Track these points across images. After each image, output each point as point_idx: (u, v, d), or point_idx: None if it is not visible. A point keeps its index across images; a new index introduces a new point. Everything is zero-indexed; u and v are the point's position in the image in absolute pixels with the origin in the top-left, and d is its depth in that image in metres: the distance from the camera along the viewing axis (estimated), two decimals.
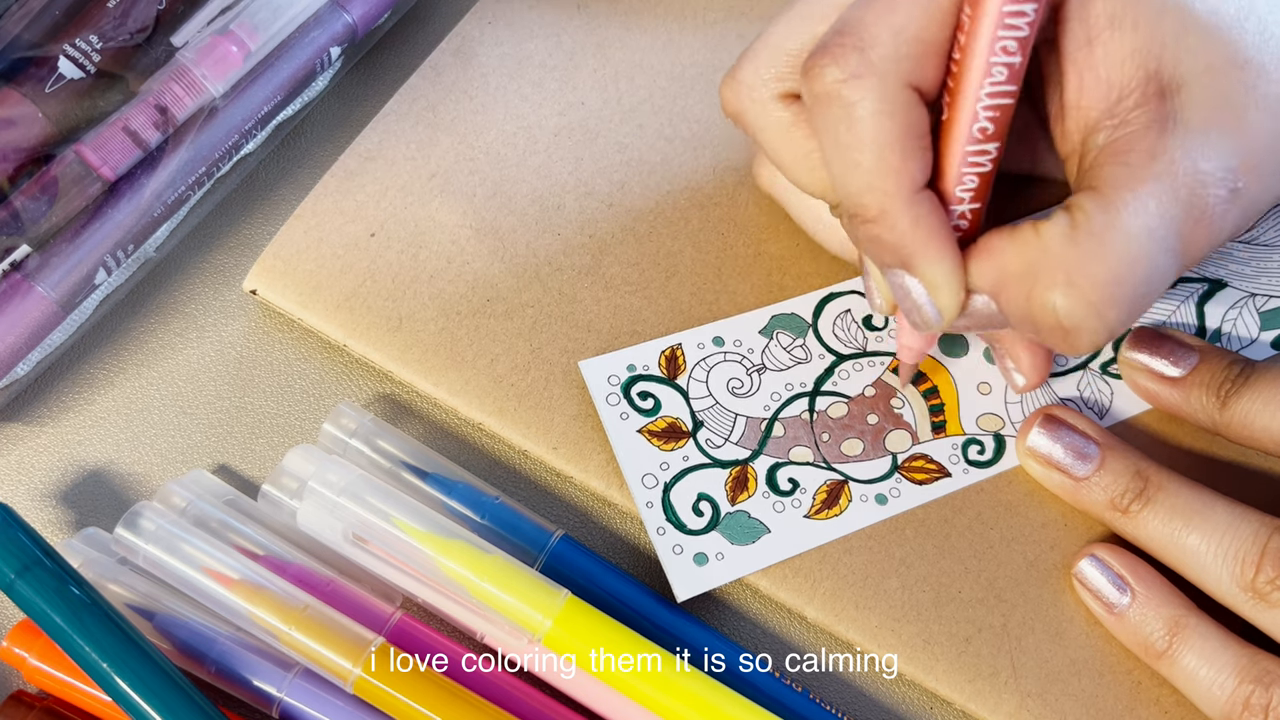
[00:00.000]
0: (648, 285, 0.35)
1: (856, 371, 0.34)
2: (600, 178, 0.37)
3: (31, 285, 0.32)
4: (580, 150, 0.37)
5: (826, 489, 0.33)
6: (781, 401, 0.34)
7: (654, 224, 0.36)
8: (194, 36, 0.34)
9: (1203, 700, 0.30)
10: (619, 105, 0.38)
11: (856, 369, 0.34)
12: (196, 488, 0.32)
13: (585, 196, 0.37)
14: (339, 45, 0.37)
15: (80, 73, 0.32)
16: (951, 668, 0.31)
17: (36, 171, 0.32)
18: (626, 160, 0.37)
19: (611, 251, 0.36)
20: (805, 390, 0.34)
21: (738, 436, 0.33)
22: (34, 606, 0.28)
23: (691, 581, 0.31)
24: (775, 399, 0.34)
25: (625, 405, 0.33)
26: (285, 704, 0.29)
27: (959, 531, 0.33)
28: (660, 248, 0.36)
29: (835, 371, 0.34)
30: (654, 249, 0.36)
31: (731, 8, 0.40)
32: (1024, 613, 0.32)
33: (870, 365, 0.34)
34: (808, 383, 0.34)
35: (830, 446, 0.33)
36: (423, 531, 0.30)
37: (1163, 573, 0.31)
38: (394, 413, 0.34)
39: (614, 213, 0.36)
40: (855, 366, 0.34)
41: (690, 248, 0.36)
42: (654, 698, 0.29)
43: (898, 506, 0.33)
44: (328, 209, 0.36)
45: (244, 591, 0.29)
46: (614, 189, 0.37)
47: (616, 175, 0.37)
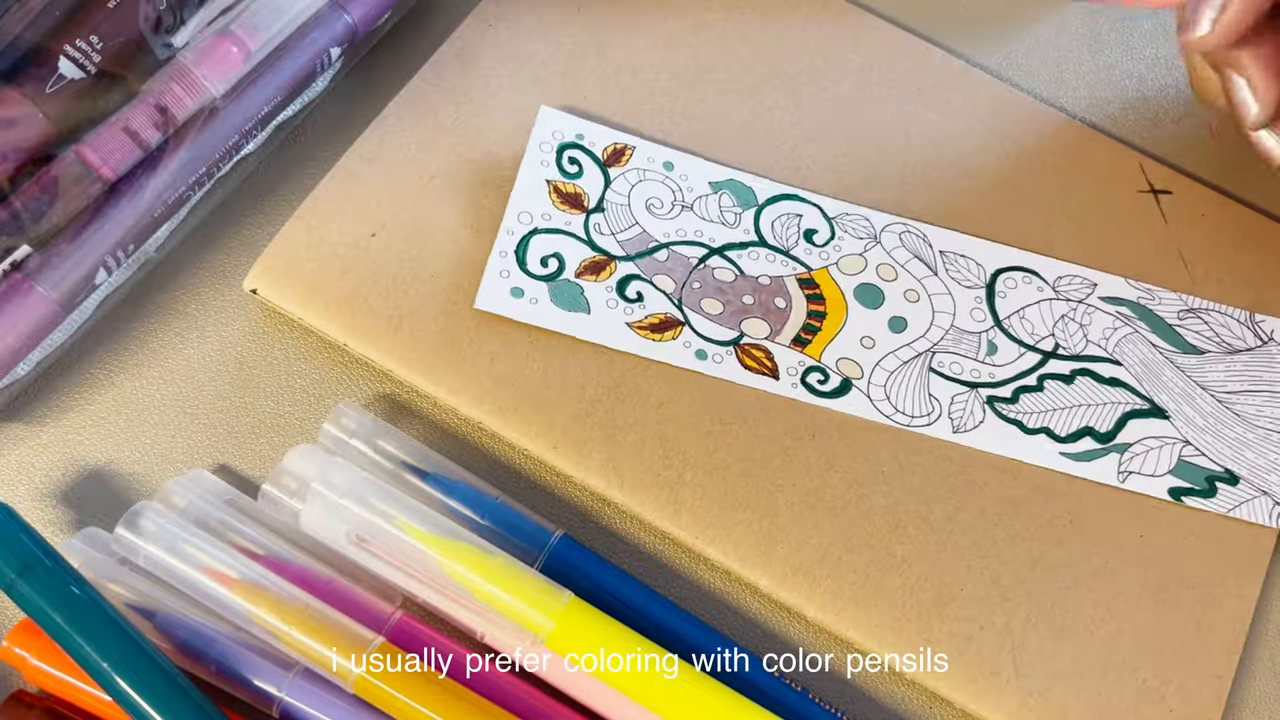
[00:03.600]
0: None
1: (768, 262, 0.35)
2: None
3: (31, 285, 0.32)
4: None
5: (662, 318, 0.34)
6: (683, 239, 0.35)
7: None
8: (194, 36, 0.34)
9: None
10: (620, 106, 0.38)
11: (769, 259, 0.35)
12: (197, 487, 0.32)
13: None
14: (339, 46, 0.37)
15: (80, 73, 0.32)
16: (953, 667, 0.31)
17: (36, 171, 0.32)
18: None
19: None
20: (710, 245, 0.35)
21: (625, 237, 0.35)
22: (34, 606, 0.28)
23: (497, 301, 0.34)
24: (679, 233, 0.35)
25: (551, 160, 0.36)
26: (285, 704, 0.29)
27: (962, 529, 0.33)
28: None
29: (747, 249, 0.35)
30: None
31: (732, 8, 0.40)
32: (1027, 611, 0.32)
33: (783, 264, 0.35)
34: (717, 240, 0.35)
35: (693, 293, 0.34)
36: (426, 533, 0.30)
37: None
38: (394, 413, 0.34)
39: None
40: (769, 257, 0.35)
41: None
42: (654, 698, 0.29)
43: (709, 369, 0.34)
44: (328, 209, 0.36)
45: (244, 591, 0.29)
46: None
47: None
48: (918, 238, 0.37)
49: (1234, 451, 0.35)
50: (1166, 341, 0.36)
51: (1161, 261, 0.38)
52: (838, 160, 0.38)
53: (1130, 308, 0.36)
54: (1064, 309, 0.36)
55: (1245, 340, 0.36)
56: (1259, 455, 0.35)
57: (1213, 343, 0.36)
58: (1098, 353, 0.35)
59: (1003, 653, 0.31)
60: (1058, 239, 0.38)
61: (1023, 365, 0.35)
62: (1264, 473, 0.34)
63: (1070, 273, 0.37)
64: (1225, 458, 0.34)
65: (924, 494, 0.33)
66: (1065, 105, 0.41)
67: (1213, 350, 0.36)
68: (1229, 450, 0.35)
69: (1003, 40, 0.42)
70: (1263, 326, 0.36)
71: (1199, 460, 0.34)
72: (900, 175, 0.38)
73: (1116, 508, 0.34)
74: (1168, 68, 0.43)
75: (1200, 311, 0.37)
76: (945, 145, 0.39)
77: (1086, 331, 0.36)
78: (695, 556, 0.33)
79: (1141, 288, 0.37)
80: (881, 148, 0.38)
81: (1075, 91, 0.42)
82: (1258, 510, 0.34)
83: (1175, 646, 0.32)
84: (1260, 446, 0.35)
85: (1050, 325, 0.36)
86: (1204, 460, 0.34)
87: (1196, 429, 0.35)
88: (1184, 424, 0.35)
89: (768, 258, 0.35)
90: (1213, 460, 0.34)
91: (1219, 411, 0.35)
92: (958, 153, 0.39)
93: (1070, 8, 0.44)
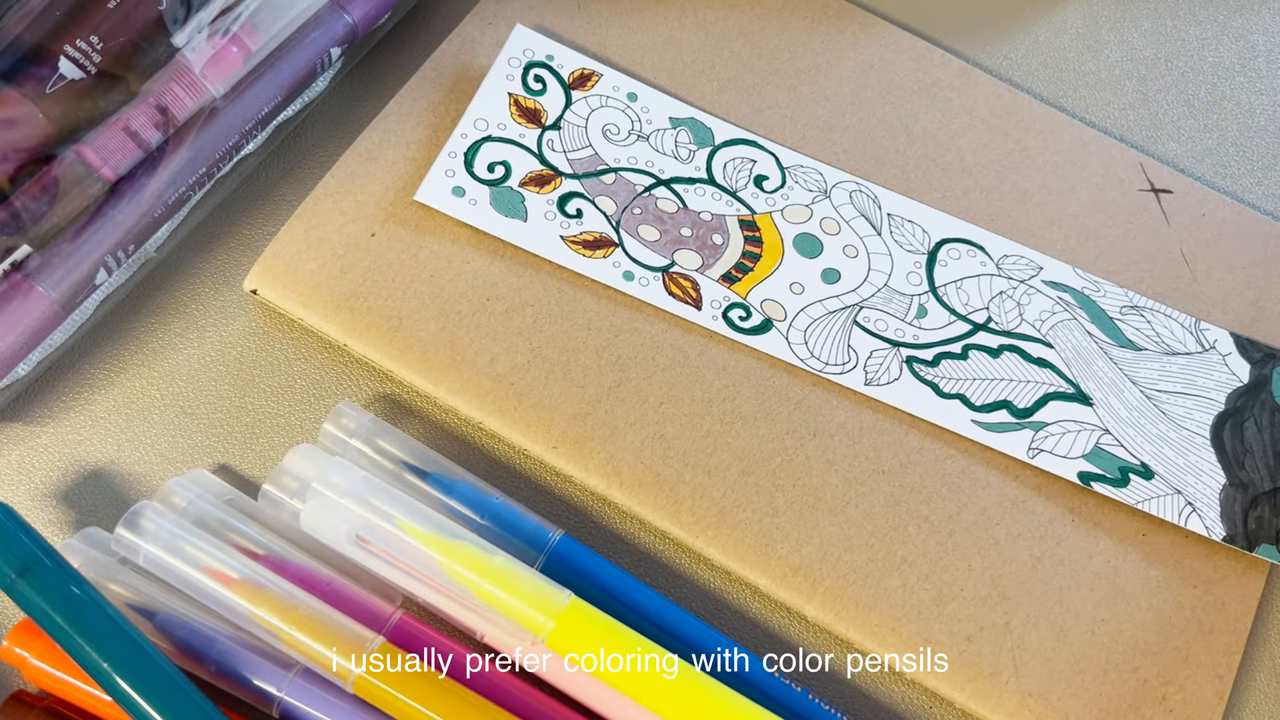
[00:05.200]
0: None
1: (714, 200, 0.36)
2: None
3: (32, 285, 0.32)
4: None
5: (597, 235, 0.34)
6: (633, 166, 0.36)
7: None
8: (194, 36, 0.34)
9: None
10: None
11: (715, 198, 0.36)
12: (197, 487, 0.32)
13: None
14: (339, 46, 0.37)
15: (80, 73, 0.32)
16: (953, 667, 0.31)
17: (37, 171, 0.32)
18: None
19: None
20: (659, 176, 0.36)
21: (575, 156, 0.35)
22: (34, 606, 0.28)
23: (438, 196, 0.35)
24: (630, 161, 0.36)
25: (518, 75, 0.36)
26: (285, 704, 0.29)
27: (963, 528, 0.33)
28: None
29: (695, 185, 0.36)
30: None
31: (732, 6, 0.40)
32: (1028, 610, 0.32)
33: (728, 205, 0.36)
34: (666, 172, 0.36)
35: (632, 218, 0.35)
36: (426, 533, 0.30)
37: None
38: (394, 413, 0.34)
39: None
40: (715, 195, 0.36)
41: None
42: (654, 698, 0.29)
43: (634, 290, 0.34)
44: (328, 209, 0.36)
45: (244, 591, 0.29)
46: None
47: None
48: (868, 198, 0.37)
49: (1154, 448, 0.34)
50: (1104, 333, 0.36)
51: (1163, 260, 0.38)
52: (837, 158, 0.38)
53: (1073, 295, 0.36)
54: (1003, 286, 0.36)
55: (1186, 345, 0.36)
56: (1179, 455, 0.34)
57: (1152, 341, 0.36)
58: (1030, 333, 0.35)
59: (1003, 653, 0.31)
60: (1058, 237, 0.38)
61: (950, 333, 0.35)
62: (1181, 473, 0.34)
63: (1017, 253, 0.37)
64: (1144, 452, 0.34)
65: (924, 493, 0.33)
66: (1065, 105, 0.41)
67: (1151, 349, 0.36)
68: (1149, 445, 0.34)
69: (1003, 40, 0.42)
70: (1206, 334, 0.36)
71: (1116, 450, 0.34)
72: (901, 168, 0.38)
73: (1117, 507, 0.34)
74: (1168, 67, 0.43)
75: (1144, 310, 0.36)
76: (945, 145, 0.39)
77: (1023, 311, 0.36)
78: (695, 556, 0.33)
79: (1088, 278, 0.37)
80: (882, 146, 0.38)
81: (1075, 91, 0.42)
82: (1167, 507, 0.34)
83: (1176, 646, 0.32)
84: (1182, 447, 0.34)
85: (986, 299, 0.36)
86: (1121, 451, 0.34)
87: (1119, 420, 0.35)
88: (1107, 413, 0.35)
89: (714, 196, 0.36)
90: (1130, 452, 0.34)
91: (1146, 407, 0.35)
92: (958, 152, 0.39)
93: (1070, 7, 0.44)
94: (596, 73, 0.37)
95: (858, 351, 0.34)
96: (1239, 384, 0.36)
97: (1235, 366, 0.36)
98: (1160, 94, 0.42)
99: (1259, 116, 0.42)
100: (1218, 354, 0.36)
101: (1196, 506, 0.34)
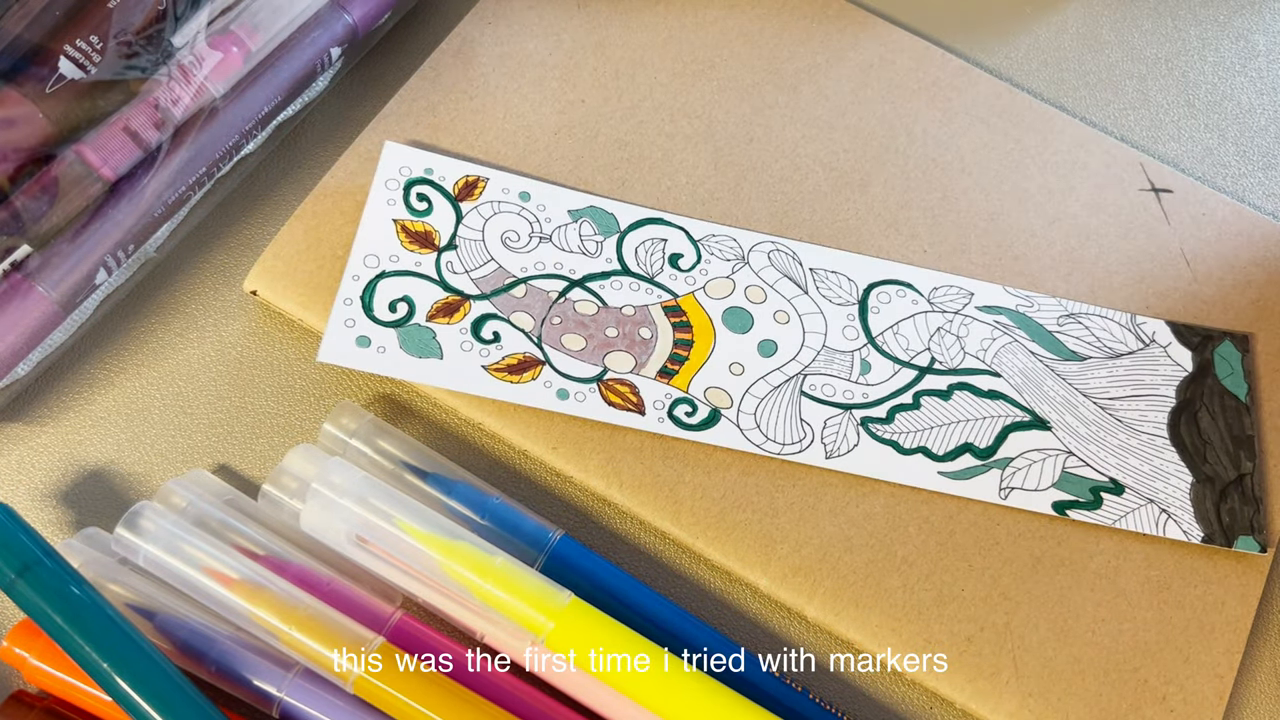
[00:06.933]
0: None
1: (632, 291, 0.34)
2: (600, 175, 0.37)
3: (32, 285, 0.32)
4: (580, 149, 0.37)
5: (521, 358, 0.33)
6: (542, 272, 0.34)
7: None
8: (194, 36, 0.34)
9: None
10: (619, 103, 0.38)
11: (634, 288, 0.34)
12: (197, 487, 0.32)
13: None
14: (339, 45, 0.37)
15: (80, 73, 0.32)
16: (953, 667, 0.31)
17: (37, 171, 0.32)
18: (627, 157, 0.37)
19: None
20: (570, 277, 0.34)
21: (479, 274, 0.34)
22: (34, 606, 0.28)
23: (342, 352, 0.33)
24: (538, 267, 0.34)
25: (399, 198, 0.34)
26: (285, 704, 0.29)
27: (964, 529, 0.33)
28: None
29: (610, 279, 0.34)
30: None
31: (732, 6, 0.40)
32: (1028, 610, 0.32)
33: (648, 293, 0.34)
34: (578, 272, 0.34)
35: (553, 329, 0.33)
36: (426, 533, 0.30)
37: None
38: (394, 413, 0.34)
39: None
40: (633, 286, 0.34)
41: None
42: (654, 698, 0.29)
43: (573, 409, 0.33)
44: (328, 209, 0.36)
45: (244, 591, 0.29)
46: (614, 186, 0.37)
47: (617, 173, 0.37)
48: (787, 256, 0.36)
49: (1118, 459, 0.34)
50: (1046, 349, 0.35)
51: (1163, 260, 0.38)
52: (837, 157, 0.38)
53: (1009, 315, 0.36)
54: (940, 321, 0.35)
55: (1127, 343, 0.36)
56: (1143, 461, 0.34)
57: (1094, 348, 0.35)
58: (976, 365, 0.35)
59: (1003, 653, 0.31)
60: (1058, 237, 0.38)
61: (897, 383, 0.34)
62: (1149, 479, 0.34)
63: (946, 283, 0.36)
64: (1109, 466, 0.34)
65: (924, 493, 0.33)
66: (1065, 105, 0.41)
67: (1094, 356, 0.35)
68: (1113, 459, 0.34)
69: (1003, 40, 0.42)
70: (1144, 329, 0.36)
71: (1082, 471, 0.34)
72: (902, 168, 0.38)
73: None
74: (1168, 68, 0.43)
75: (1080, 316, 0.36)
76: (945, 145, 0.39)
77: (964, 343, 0.35)
78: (695, 556, 0.33)
79: (1020, 294, 0.36)
80: (882, 146, 0.38)
81: (1075, 91, 0.42)
82: (1143, 519, 0.33)
83: (1176, 646, 0.32)
84: (1144, 453, 0.34)
85: (925, 339, 0.35)
86: (1088, 471, 0.34)
87: (1080, 439, 0.34)
88: (1067, 434, 0.34)
89: (631, 286, 0.34)
90: (1097, 470, 0.34)
91: (1101, 419, 0.34)
92: (958, 152, 0.39)
93: (1070, 7, 0.44)
94: (482, 178, 0.35)
95: (811, 425, 0.33)
96: (1184, 373, 0.35)
97: (1177, 356, 0.36)
98: (1160, 94, 0.42)
99: (1259, 116, 0.42)
100: (1158, 346, 0.36)
101: (1171, 512, 0.33)
